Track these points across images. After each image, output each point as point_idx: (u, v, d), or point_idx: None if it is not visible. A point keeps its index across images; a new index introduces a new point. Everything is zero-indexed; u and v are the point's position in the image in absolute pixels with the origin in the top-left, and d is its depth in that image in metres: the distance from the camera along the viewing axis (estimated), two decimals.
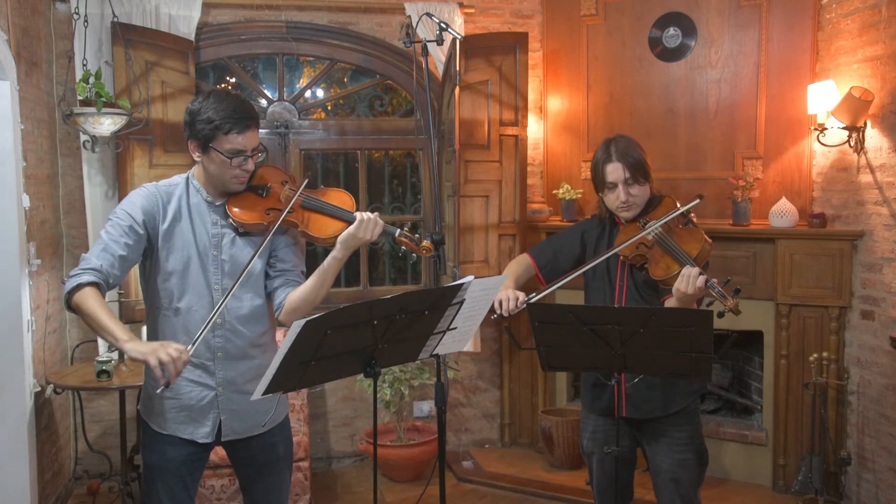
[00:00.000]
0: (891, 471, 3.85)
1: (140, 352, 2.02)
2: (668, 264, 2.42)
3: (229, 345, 2.30)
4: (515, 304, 2.47)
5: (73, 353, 4.39)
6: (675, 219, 2.53)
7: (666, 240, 2.47)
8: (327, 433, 4.89)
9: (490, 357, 5.07)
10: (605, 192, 2.61)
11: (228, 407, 2.32)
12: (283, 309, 2.31)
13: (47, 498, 3.92)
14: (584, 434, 2.74)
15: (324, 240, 2.32)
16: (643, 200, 2.59)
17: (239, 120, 2.20)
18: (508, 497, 4.37)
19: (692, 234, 2.50)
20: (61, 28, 4.28)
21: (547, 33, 5.00)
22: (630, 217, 2.60)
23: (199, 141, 2.22)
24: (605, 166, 2.56)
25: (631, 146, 2.57)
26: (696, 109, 4.62)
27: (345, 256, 2.28)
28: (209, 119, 2.19)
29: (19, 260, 3.53)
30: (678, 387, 2.58)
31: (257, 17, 4.67)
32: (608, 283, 2.63)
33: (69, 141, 4.36)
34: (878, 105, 3.86)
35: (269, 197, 2.32)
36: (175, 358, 1.99)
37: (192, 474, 2.36)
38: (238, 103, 2.23)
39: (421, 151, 5.09)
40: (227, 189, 2.29)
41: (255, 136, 2.25)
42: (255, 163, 2.29)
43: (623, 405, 2.59)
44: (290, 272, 2.35)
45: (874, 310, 3.96)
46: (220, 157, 2.21)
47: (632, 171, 2.53)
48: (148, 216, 2.25)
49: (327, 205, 2.34)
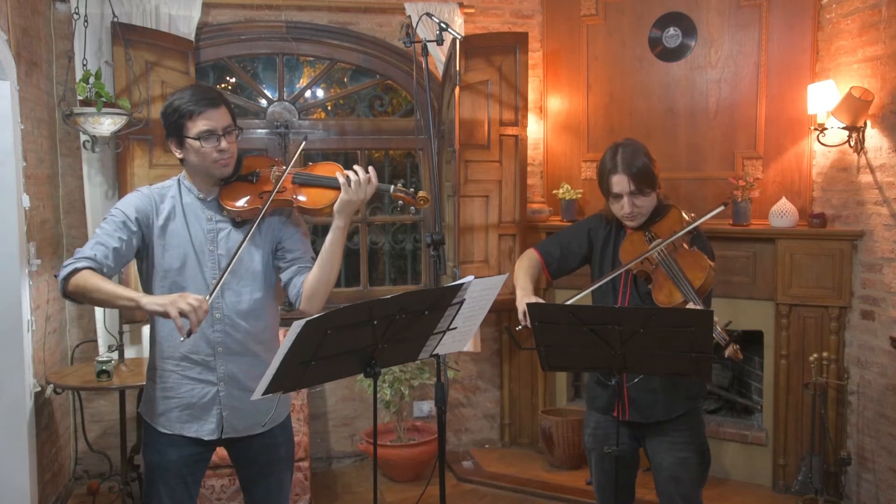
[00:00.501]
0: (891, 471, 3.85)
1: (159, 304, 2.04)
2: (670, 291, 2.42)
3: (229, 339, 2.30)
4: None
5: (73, 353, 4.39)
6: (680, 236, 2.51)
7: (670, 263, 2.46)
8: (327, 433, 4.89)
9: (490, 357, 5.07)
10: (610, 199, 2.60)
11: (230, 403, 2.32)
12: (301, 296, 2.30)
13: (47, 498, 3.92)
14: (586, 430, 2.74)
15: (320, 210, 2.31)
16: (649, 210, 2.58)
17: (199, 101, 2.22)
18: (508, 497, 4.37)
19: (697, 261, 2.47)
20: (61, 28, 4.28)
21: (547, 33, 5.00)
22: (636, 226, 2.59)
23: (175, 136, 2.25)
24: (611, 177, 2.54)
25: (637, 155, 2.53)
26: (696, 109, 4.62)
27: (346, 224, 2.27)
28: (174, 109, 2.23)
29: (19, 260, 3.53)
30: (680, 391, 2.58)
31: (257, 17, 4.67)
32: (611, 290, 2.63)
33: (69, 141, 4.36)
34: (878, 105, 3.86)
35: (259, 182, 2.33)
36: (196, 307, 2.01)
37: (193, 475, 2.36)
38: (198, 88, 2.28)
39: (421, 151, 5.09)
40: (214, 176, 2.29)
41: (223, 115, 2.25)
42: (233, 143, 2.27)
43: (626, 409, 2.59)
44: (301, 259, 2.35)
45: (874, 310, 3.96)
46: (194, 143, 2.22)
47: (637, 183, 2.50)
48: (141, 214, 2.27)
49: (318, 176, 2.33)
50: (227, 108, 2.29)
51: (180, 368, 2.30)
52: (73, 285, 2.12)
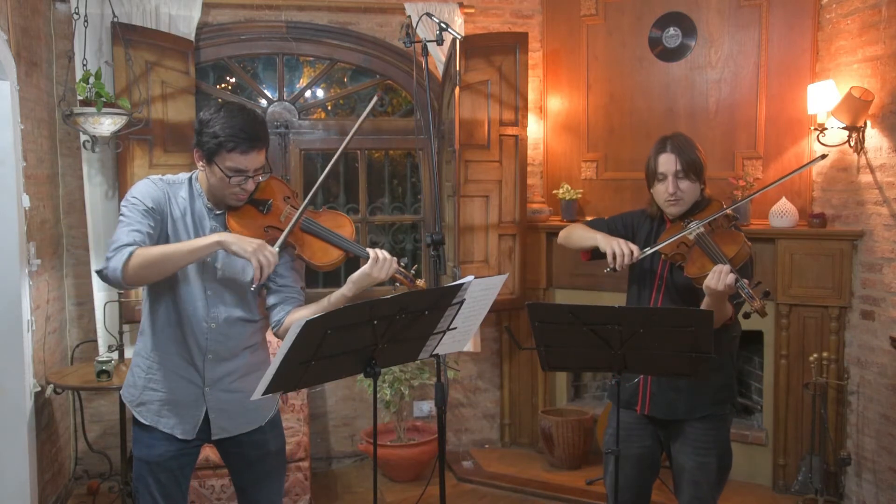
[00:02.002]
0: (891, 471, 3.85)
1: (245, 249, 2.08)
2: (703, 263, 2.43)
3: (220, 347, 2.30)
4: (631, 257, 2.47)
5: (73, 353, 4.39)
6: (719, 220, 2.53)
7: (706, 240, 2.47)
8: (327, 433, 4.89)
9: (490, 357, 5.07)
10: (655, 184, 2.59)
11: (217, 405, 2.32)
12: (281, 326, 2.30)
13: (47, 498, 3.92)
14: (607, 431, 2.66)
15: (320, 266, 2.30)
16: (692, 199, 2.58)
17: (244, 140, 2.15)
18: (508, 497, 4.37)
19: (733, 237, 2.50)
20: (61, 28, 4.28)
21: (547, 33, 5.00)
22: (677, 213, 2.59)
23: (204, 152, 2.20)
24: (659, 156, 2.56)
25: (688, 144, 2.58)
26: (696, 109, 4.62)
27: (355, 296, 2.24)
28: (215, 134, 2.15)
29: (19, 260, 3.53)
30: (706, 394, 2.56)
31: (257, 17, 4.67)
32: (648, 281, 2.63)
33: (69, 141, 4.36)
34: (878, 105, 3.86)
35: (269, 214, 2.29)
36: (272, 262, 2.09)
37: (182, 469, 2.36)
38: (248, 122, 2.18)
39: (421, 151, 5.09)
40: (226, 203, 2.27)
41: (261, 157, 2.21)
42: (256, 182, 2.24)
43: (647, 403, 2.59)
44: (289, 289, 2.33)
45: (874, 310, 3.96)
46: (221, 172, 2.19)
47: (683, 165, 2.53)
48: (158, 207, 2.23)
49: (328, 231, 2.31)
50: (266, 149, 2.23)
51: (171, 365, 2.30)
52: (134, 266, 2.05)
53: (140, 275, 2.08)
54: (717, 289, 2.29)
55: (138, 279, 2.10)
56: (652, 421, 2.62)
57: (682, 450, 2.59)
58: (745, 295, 2.30)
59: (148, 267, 2.08)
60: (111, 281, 2.10)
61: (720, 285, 2.29)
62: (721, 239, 2.49)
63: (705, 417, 2.57)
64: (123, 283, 2.09)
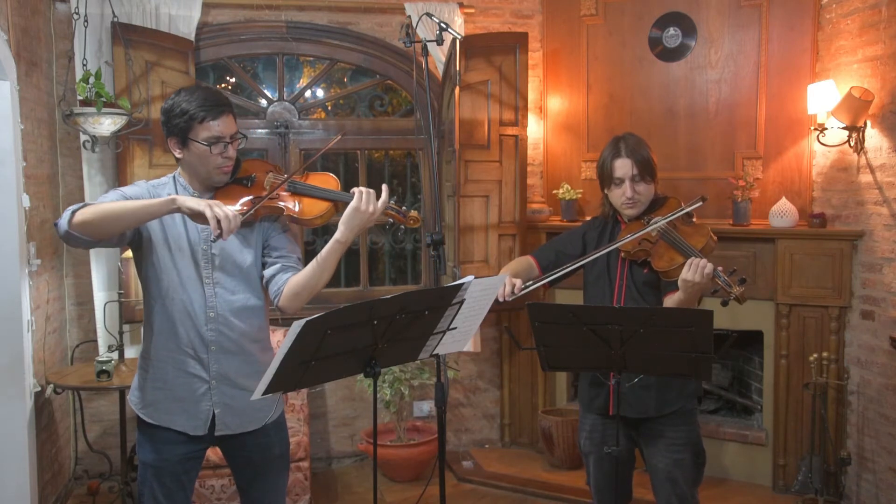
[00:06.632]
0: (891, 471, 3.85)
1: (197, 204, 2.07)
2: (672, 257, 2.44)
3: (222, 338, 2.30)
4: (512, 289, 2.50)
5: (73, 353, 4.39)
6: (679, 217, 2.54)
7: (672, 234, 2.49)
8: (327, 433, 4.89)
9: (490, 357, 5.07)
10: (611, 188, 2.62)
11: (222, 401, 2.32)
12: (282, 294, 2.27)
13: (47, 498, 3.92)
14: (582, 434, 2.75)
15: (310, 220, 2.30)
16: (648, 199, 2.62)
17: (212, 107, 2.22)
18: (508, 497, 4.37)
19: (697, 230, 2.52)
20: (61, 28, 4.28)
21: (547, 33, 5.00)
22: (634, 215, 2.62)
23: (177, 136, 2.24)
24: (614, 161, 2.58)
25: (640, 145, 2.61)
26: (696, 109, 4.62)
27: (348, 239, 2.23)
28: (183, 111, 2.21)
29: (19, 260, 3.53)
30: (673, 388, 2.59)
31: (257, 17, 4.67)
32: (607, 282, 2.64)
33: (69, 141, 4.36)
34: (878, 105, 3.86)
35: (254, 186, 2.33)
36: (231, 217, 2.06)
37: (188, 473, 2.36)
38: (208, 92, 2.27)
39: (421, 151, 5.09)
40: (212, 182, 2.29)
41: (232, 122, 2.27)
42: (237, 150, 2.29)
43: (617, 404, 2.59)
44: (287, 258, 2.34)
45: (874, 310, 3.96)
46: (200, 146, 2.22)
47: (640, 168, 2.56)
48: (135, 198, 2.25)
49: (313, 187, 2.33)
50: (234, 114, 2.30)
51: (174, 361, 2.30)
52: (77, 221, 2.08)
53: (89, 224, 2.09)
54: (694, 280, 2.30)
55: (85, 229, 2.10)
56: (625, 423, 2.62)
57: (656, 450, 2.62)
58: (723, 283, 2.32)
59: (98, 217, 2.09)
60: (60, 232, 2.14)
61: (697, 276, 2.30)
62: (685, 233, 2.51)
63: (675, 413, 2.59)
64: (71, 232, 2.11)
